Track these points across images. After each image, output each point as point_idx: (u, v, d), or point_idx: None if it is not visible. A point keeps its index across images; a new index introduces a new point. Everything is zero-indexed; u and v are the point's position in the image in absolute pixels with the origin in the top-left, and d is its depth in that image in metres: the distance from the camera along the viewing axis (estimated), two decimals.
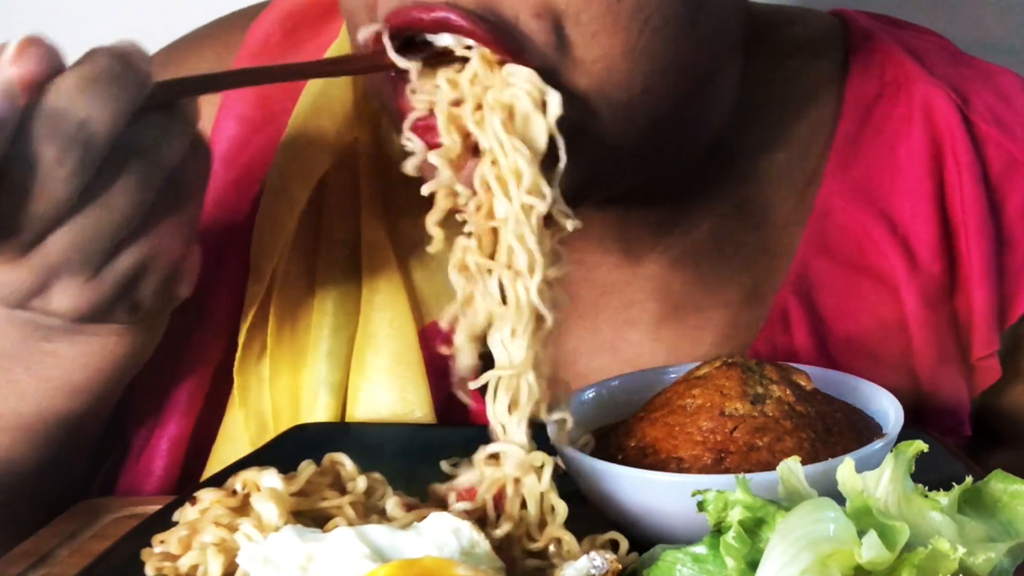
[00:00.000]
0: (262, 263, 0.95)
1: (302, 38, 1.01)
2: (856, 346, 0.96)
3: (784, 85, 1.00)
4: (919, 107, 0.97)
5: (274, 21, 1.01)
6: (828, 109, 1.00)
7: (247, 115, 0.99)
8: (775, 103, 1.00)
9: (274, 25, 1.01)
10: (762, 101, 0.99)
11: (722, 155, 0.97)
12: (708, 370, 0.78)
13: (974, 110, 0.97)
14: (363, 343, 0.95)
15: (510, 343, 0.74)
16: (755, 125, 0.98)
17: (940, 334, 0.96)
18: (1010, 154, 0.96)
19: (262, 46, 1.00)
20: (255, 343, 0.96)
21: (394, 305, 0.95)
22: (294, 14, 1.02)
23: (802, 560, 0.56)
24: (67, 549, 0.82)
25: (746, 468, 0.72)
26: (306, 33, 1.01)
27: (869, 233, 0.96)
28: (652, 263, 0.98)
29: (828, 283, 0.96)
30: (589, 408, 0.83)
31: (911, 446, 0.62)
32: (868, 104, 0.99)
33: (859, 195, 0.97)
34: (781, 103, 1.00)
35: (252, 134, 0.99)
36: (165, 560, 0.70)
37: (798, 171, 0.99)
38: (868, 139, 0.98)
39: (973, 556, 0.58)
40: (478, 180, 0.74)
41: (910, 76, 0.98)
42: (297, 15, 1.02)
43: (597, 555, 0.65)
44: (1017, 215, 0.96)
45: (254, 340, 0.95)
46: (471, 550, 0.66)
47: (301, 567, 0.64)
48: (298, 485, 0.72)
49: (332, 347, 0.95)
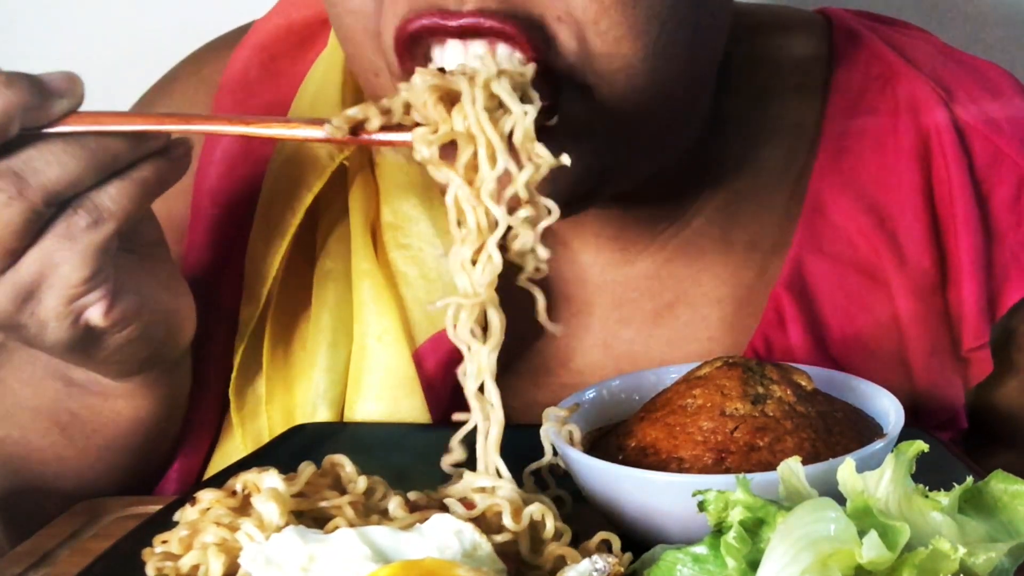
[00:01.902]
0: (255, 286, 0.96)
1: (280, 69, 1.01)
2: (851, 341, 0.96)
3: (769, 81, 1.01)
4: (904, 102, 0.98)
5: (251, 55, 1.01)
6: (814, 105, 1.00)
7: (232, 145, 0.99)
8: (760, 99, 1.00)
9: (251, 59, 1.01)
10: (747, 98, 1.00)
11: (710, 152, 0.97)
12: (709, 370, 0.78)
13: (959, 103, 0.97)
14: (358, 358, 0.95)
15: (471, 269, 0.74)
16: (741, 122, 0.99)
17: (932, 327, 0.96)
18: (996, 146, 0.96)
19: (241, 81, 1.01)
20: (251, 364, 0.97)
21: (384, 322, 0.95)
22: (269, 45, 1.02)
23: (803, 560, 0.56)
24: (67, 549, 0.82)
25: (747, 468, 0.72)
26: (284, 63, 1.01)
27: (859, 227, 0.97)
28: (646, 261, 0.99)
29: (822, 279, 0.97)
30: (589, 408, 0.83)
31: (912, 446, 0.62)
32: (854, 99, 1.00)
33: (849, 190, 0.98)
34: (766, 99, 1.01)
35: (239, 161, 0.99)
36: (166, 560, 0.70)
37: (787, 166, 0.99)
38: (855, 134, 0.99)
39: (973, 556, 0.58)
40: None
41: (895, 71, 0.99)
42: (272, 46, 1.02)
43: (599, 558, 0.65)
44: (1004, 207, 0.97)
45: (250, 361, 0.97)
46: (473, 552, 0.66)
47: (303, 568, 0.64)
48: (298, 486, 0.72)
49: (330, 363, 0.96)
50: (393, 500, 0.73)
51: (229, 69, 1.01)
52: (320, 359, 0.96)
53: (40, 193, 0.74)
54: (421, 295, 0.95)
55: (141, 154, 0.78)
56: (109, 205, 0.77)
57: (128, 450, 0.95)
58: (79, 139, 0.76)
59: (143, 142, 0.78)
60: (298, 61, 1.01)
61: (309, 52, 1.01)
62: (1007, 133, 0.97)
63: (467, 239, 0.73)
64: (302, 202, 0.96)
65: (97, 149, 0.76)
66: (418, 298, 0.95)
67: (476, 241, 0.73)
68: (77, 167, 0.75)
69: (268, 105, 1.00)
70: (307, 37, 1.01)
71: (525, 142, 0.73)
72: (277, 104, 1.00)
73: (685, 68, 0.84)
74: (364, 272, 0.96)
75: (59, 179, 0.75)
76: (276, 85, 1.00)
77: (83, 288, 0.78)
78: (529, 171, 0.73)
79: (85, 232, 0.76)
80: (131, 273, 0.82)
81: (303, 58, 1.01)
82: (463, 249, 0.74)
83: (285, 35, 1.02)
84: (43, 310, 0.78)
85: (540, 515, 0.70)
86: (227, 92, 1.00)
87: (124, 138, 0.77)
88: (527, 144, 0.73)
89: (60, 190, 0.75)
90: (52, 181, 0.75)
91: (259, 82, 1.00)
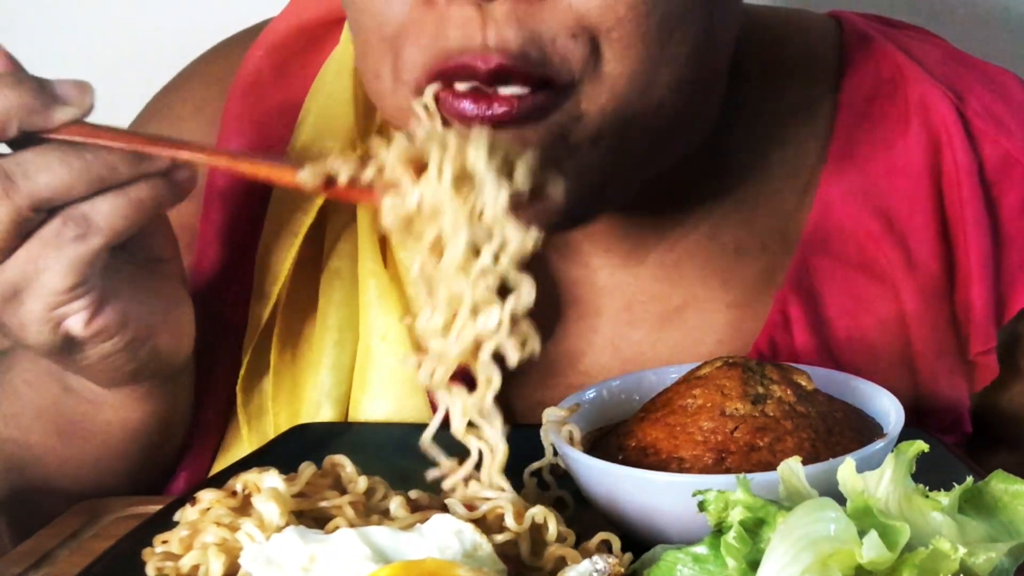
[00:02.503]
0: (266, 284, 0.96)
1: (291, 70, 1.01)
2: (857, 344, 0.96)
3: (779, 85, 1.01)
4: (915, 106, 0.97)
5: (263, 56, 1.01)
6: (824, 108, 1.00)
7: (244, 147, 0.99)
8: (770, 102, 1.00)
9: (263, 61, 1.01)
10: (757, 100, 0.99)
11: (719, 154, 0.97)
12: (709, 370, 0.78)
13: (970, 108, 0.97)
14: (363, 357, 0.96)
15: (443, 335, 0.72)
16: (750, 124, 0.99)
17: (939, 331, 0.96)
18: (1007, 151, 0.96)
19: (253, 83, 1.01)
20: (259, 362, 0.97)
21: (388, 321, 0.95)
22: (280, 48, 1.02)
23: (803, 560, 0.56)
24: (67, 549, 0.82)
25: (747, 468, 0.72)
26: (295, 64, 1.01)
27: (868, 231, 0.96)
28: (654, 264, 0.99)
29: (828, 281, 0.96)
30: (589, 408, 0.83)
31: (912, 446, 0.62)
32: (864, 103, 0.99)
33: (858, 193, 0.97)
34: (776, 102, 1.00)
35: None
36: (166, 560, 0.70)
37: (796, 170, 0.99)
38: (865, 138, 0.98)
39: (974, 556, 0.58)
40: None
41: (906, 75, 0.99)
42: (284, 48, 1.02)
43: (600, 558, 0.65)
44: (1014, 212, 0.96)
45: (258, 359, 0.97)
46: (474, 552, 0.66)
47: (303, 568, 0.64)
48: (299, 486, 0.72)
49: (335, 361, 0.96)
50: (395, 500, 0.73)
51: (242, 70, 1.01)
52: (325, 357, 0.96)
53: (27, 198, 0.74)
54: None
55: (140, 172, 0.77)
56: (98, 220, 0.76)
57: (125, 456, 0.95)
58: (77, 149, 0.75)
59: (143, 161, 0.77)
60: (309, 62, 1.01)
61: (321, 53, 1.01)
62: (1017, 137, 0.97)
63: (437, 308, 0.72)
64: (313, 202, 0.96)
65: (93, 162, 0.75)
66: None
67: (446, 311, 0.72)
68: (69, 176, 0.75)
69: (279, 106, 1.00)
70: (319, 37, 1.01)
71: (495, 223, 0.71)
72: (288, 105, 1.00)
73: (693, 76, 0.84)
74: (369, 272, 0.96)
75: (48, 185, 0.74)
76: (288, 85, 1.00)
77: (65, 297, 0.78)
78: (494, 260, 0.71)
79: (72, 243, 0.76)
80: (125, 286, 0.82)
81: (314, 59, 1.01)
82: (435, 317, 0.72)
83: (297, 35, 1.02)
84: (24, 312, 0.78)
85: (543, 518, 0.70)
86: (239, 92, 1.00)
87: (124, 154, 0.76)
88: (497, 224, 0.71)
89: (48, 196, 0.75)
90: (41, 187, 0.74)
91: (271, 83, 1.01)
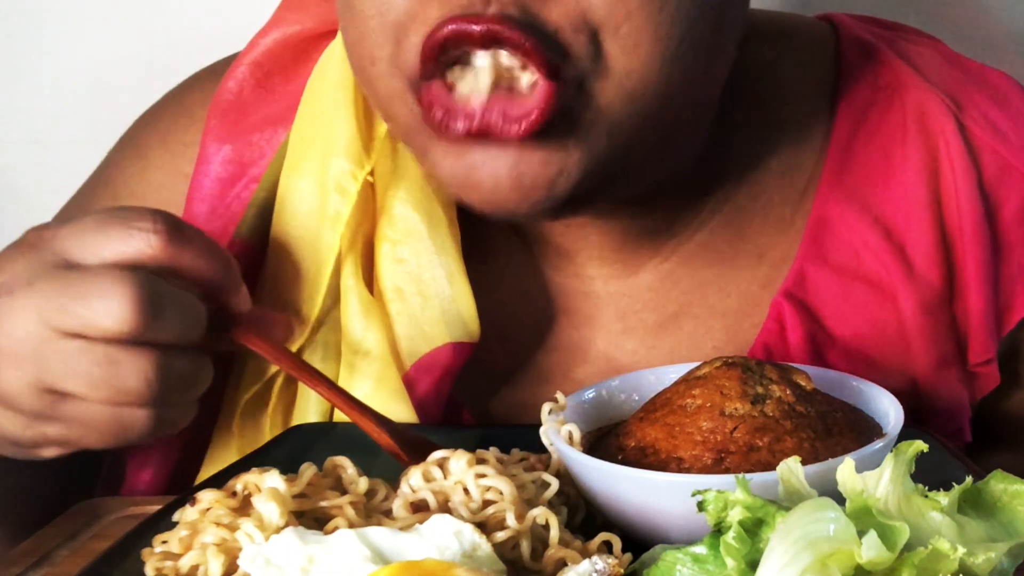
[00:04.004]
0: (304, 309, 0.96)
1: (275, 85, 1.01)
2: (854, 354, 0.96)
3: (775, 92, 1.00)
4: (913, 113, 0.97)
5: (245, 72, 1.01)
6: (821, 116, 0.99)
7: (228, 157, 0.99)
8: (766, 109, 0.99)
9: (245, 76, 1.01)
10: (753, 107, 0.99)
11: (715, 161, 0.97)
12: (708, 370, 0.78)
13: (968, 116, 0.96)
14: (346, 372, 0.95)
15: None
16: (746, 131, 0.98)
17: (938, 341, 0.96)
18: (1005, 160, 0.96)
19: (235, 100, 1.00)
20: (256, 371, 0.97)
21: (370, 337, 0.94)
22: (264, 63, 1.01)
23: (802, 560, 0.56)
24: (67, 549, 0.82)
25: (746, 468, 0.72)
26: (279, 79, 1.01)
27: (866, 240, 0.96)
28: (649, 273, 0.98)
29: (825, 290, 0.96)
30: (589, 408, 0.83)
31: (911, 446, 0.62)
32: (861, 110, 0.99)
33: (855, 202, 0.97)
34: (772, 110, 1.00)
35: (235, 180, 0.99)
36: (166, 560, 0.70)
37: (793, 178, 0.99)
38: (862, 146, 0.98)
39: (973, 556, 0.58)
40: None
41: (903, 82, 0.98)
42: (268, 63, 1.01)
43: (599, 558, 0.65)
44: (1013, 221, 0.96)
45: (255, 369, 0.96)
46: (473, 553, 0.66)
47: (302, 568, 0.64)
48: (300, 487, 0.72)
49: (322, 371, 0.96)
50: (397, 500, 0.73)
51: (222, 88, 1.00)
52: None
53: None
54: (416, 311, 0.94)
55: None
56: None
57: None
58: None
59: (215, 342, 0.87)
60: (292, 79, 1.00)
61: (305, 66, 1.00)
62: (1016, 145, 0.96)
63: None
64: (341, 221, 0.95)
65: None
66: (413, 314, 0.94)
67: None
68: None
69: (263, 120, 0.99)
70: (303, 51, 1.01)
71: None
72: (272, 120, 0.99)
73: (700, 75, 0.82)
74: (349, 288, 0.95)
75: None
76: (271, 100, 1.00)
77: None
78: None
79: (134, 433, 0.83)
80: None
81: (297, 73, 1.00)
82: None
83: (281, 50, 1.01)
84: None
85: (544, 519, 0.70)
86: (219, 111, 1.00)
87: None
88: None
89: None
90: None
91: (253, 99, 1.00)
